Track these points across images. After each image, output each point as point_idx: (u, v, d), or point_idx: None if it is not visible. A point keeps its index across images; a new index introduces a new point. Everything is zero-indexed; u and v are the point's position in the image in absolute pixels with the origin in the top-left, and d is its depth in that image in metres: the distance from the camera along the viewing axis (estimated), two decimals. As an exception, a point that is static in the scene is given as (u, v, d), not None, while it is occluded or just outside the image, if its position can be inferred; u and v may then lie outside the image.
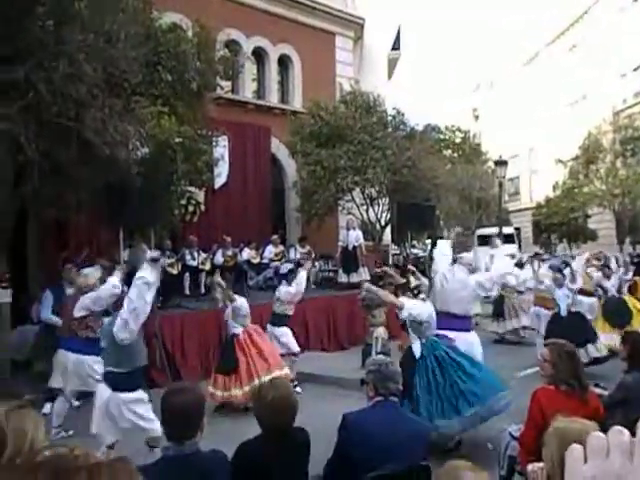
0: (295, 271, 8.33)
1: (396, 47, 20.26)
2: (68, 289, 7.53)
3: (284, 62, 16.03)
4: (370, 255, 13.38)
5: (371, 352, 7.56)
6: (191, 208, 10.19)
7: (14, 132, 5.90)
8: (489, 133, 35.32)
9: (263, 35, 15.10)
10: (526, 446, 3.24)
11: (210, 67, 9.61)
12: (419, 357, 5.03)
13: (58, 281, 7.67)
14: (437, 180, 14.91)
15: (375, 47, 19.39)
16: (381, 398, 2.80)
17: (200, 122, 9.50)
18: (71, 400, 6.23)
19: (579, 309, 8.24)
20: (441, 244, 6.51)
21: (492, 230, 20.96)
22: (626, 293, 9.67)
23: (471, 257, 6.57)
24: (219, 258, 11.45)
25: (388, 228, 15.72)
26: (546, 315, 8.40)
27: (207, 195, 11.27)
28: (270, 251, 12.35)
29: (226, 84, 11.61)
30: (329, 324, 10.65)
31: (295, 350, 7.88)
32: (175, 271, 10.63)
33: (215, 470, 2.30)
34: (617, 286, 9.45)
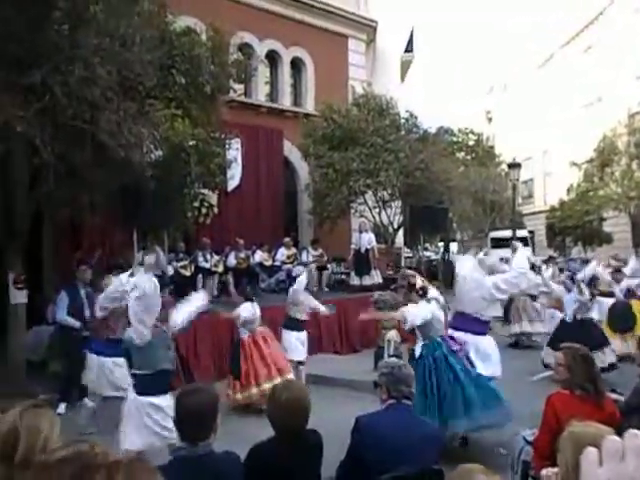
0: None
1: (409, 50, 20.23)
2: (82, 290, 7.62)
3: (297, 65, 16.07)
4: (382, 258, 13.35)
5: (383, 355, 7.54)
6: (204, 210, 10.27)
7: (30, 135, 5.97)
8: (503, 135, 35.10)
9: (276, 38, 15.16)
10: (540, 451, 3.21)
11: (223, 70, 9.67)
12: (418, 357, 5.06)
13: (72, 282, 7.75)
14: (450, 183, 14.85)
15: (388, 49, 19.38)
16: (394, 401, 2.79)
17: (213, 125, 9.56)
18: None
19: (600, 310, 8.19)
20: (519, 255, 6.38)
21: (506, 233, 20.81)
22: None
23: (494, 260, 6.51)
24: (232, 260, 11.49)
25: (401, 231, 15.68)
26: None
27: (220, 197, 11.33)
28: (282, 254, 12.36)
29: (239, 87, 11.68)
30: (341, 327, 10.64)
31: (295, 358, 7.71)
32: (188, 273, 10.69)
33: (228, 471, 2.30)
34: (625, 290, 9.34)
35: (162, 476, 0.92)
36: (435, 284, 7.81)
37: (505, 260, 12.35)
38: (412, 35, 20.11)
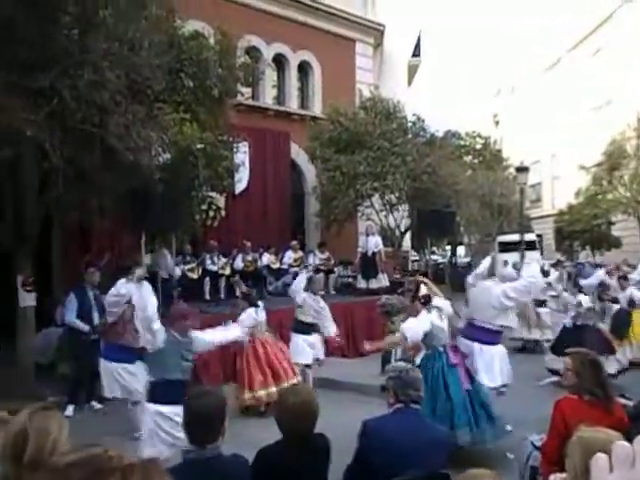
0: (311, 280, 8.36)
1: (416, 54, 20.23)
2: (90, 292, 7.66)
3: (304, 68, 16.10)
4: (389, 261, 13.33)
5: (390, 359, 7.52)
6: (212, 213, 10.28)
7: (39, 139, 6.02)
8: (510, 139, 34.98)
9: (283, 42, 15.20)
10: (548, 456, 3.19)
11: (231, 74, 9.70)
12: (417, 366, 5.08)
13: (81, 284, 7.79)
14: (457, 186, 14.82)
15: (395, 53, 19.39)
16: (401, 405, 2.79)
17: (221, 128, 9.58)
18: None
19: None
20: (533, 265, 6.38)
21: (513, 237, 20.69)
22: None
23: (510, 272, 6.51)
24: (239, 263, 11.51)
25: (408, 234, 15.65)
26: None
27: (227, 200, 11.35)
28: (289, 256, 12.38)
29: (247, 90, 11.72)
30: (348, 330, 10.62)
31: (300, 361, 7.74)
32: (195, 276, 10.72)
33: (236, 474, 2.31)
34: (628, 299, 9.25)
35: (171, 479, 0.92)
36: (442, 288, 7.80)
37: (513, 265, 12.35)
38: (419, 40, 20.11)
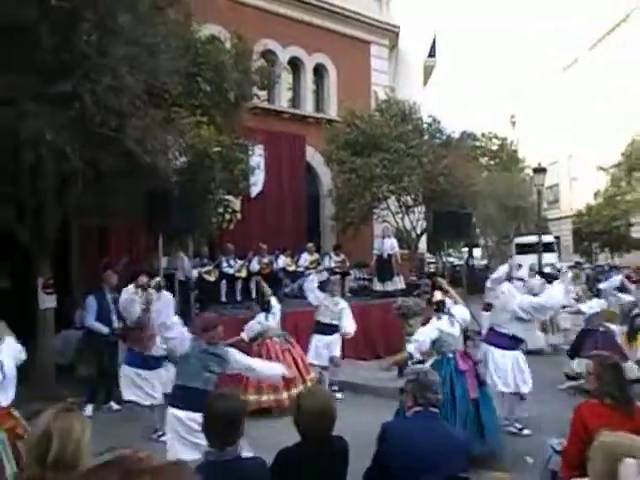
0: (329, 282, 8.38)
1: (432, 55, 20.19)
2: (109, 294, 7.75)
3: (319, 71, 16.13)
4: (405, 264, 13.28)
5: (407, 362, 7.49)
6: (228, 216, 10.31)
7: (59, 142, 6.10)
8: (527, 140, 34.72)
9: (299, 45, 15.25)
10: (569, 460, 3.15)
11: (247, 77, 9.76)
12: None
13: (99, 286, 7.88)
14: (474, 188, 14.73)
15: (410, 54, 19.34)
16: (420, 408, 2.77)
17: (237, 131, 9.64)
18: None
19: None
20: (557, 288, 6.31)
21: (531, 239, 20.56)
22: None
23: (535, 283, 6.49)
24: (255, 265, 11.54)
25: (424, 237, 15.59)
26: None
27: (243, 203, 11.39)
28: (305, 259, 12.39)
29: (262, 93, 11.76)
30: (364, 332, 10.59)
31: (314, 362, 7.78)
32: (212, 278, 10.77)
33: (255, 476, 2.32)
34: None
35: None
36: (458, 291, 7.76)
37: (531, 267, 12.23)
38: (435, 41, 20.07)
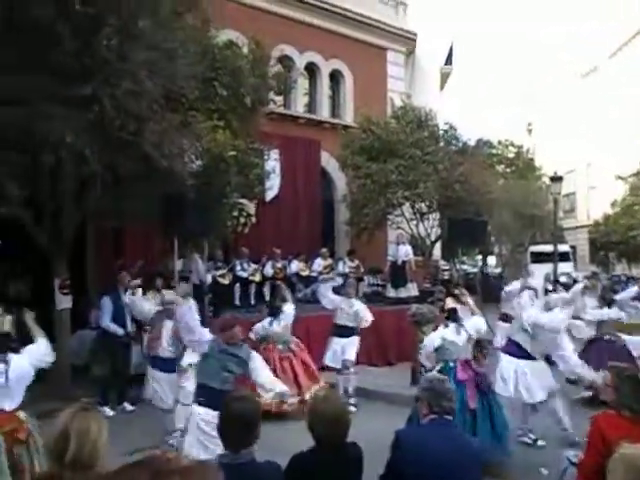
0: (345, 284, 8.41)
1: (448, 63, 20.15)
2: (123, 295, 7.83)
3: (336, 77, 16.17)
4: (419, 270, 13.23)
5: (421, 370, 7.47)
6: (242, 220, 10.36)
7: (79, 145, 6.18)
8: (544, 147, 34.47)
9: (316, 51, 15.29)
10: (585, 473, 3.11)
11: (264, 82, 9.82)
12: None
13: (114, 288, 7.94)
14: (490, 195, 14.64)
15: (427, 61, 19.32)
16: (435, 416, 2.76)
17: (253, 136, 9.69)
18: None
19: None
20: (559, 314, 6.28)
21: (546, 247, 20.38)
22: None
23: (555, 297, 6.46)
24: (269, 270, 11.57)
25: (438, 244, 15.51)
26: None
27: (258, 207, 11.42)
28: (319, 264, 12.39)
29: (278, 99, 11.81)
30: (376, 338, 10.56)
31: (329, 364, 7.89)
32: (226, 281, 10.81)
33: (269, 480, 2.32)
34: None
35: None
36: (473, 299, 7.73)
37: (546, 277, 12.13)
38: (452, 49, 20.03)
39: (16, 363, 3.87)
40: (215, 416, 2.62)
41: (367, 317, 8.04)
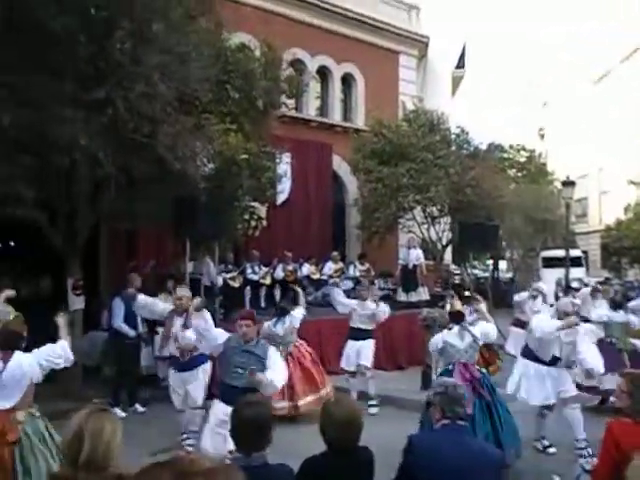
0: (357, 288, 8.43)
1: (460, 66, 20.09)
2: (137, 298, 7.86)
3: (347, 81, 16.18)
4: (430, 275, 13.19)
5: (431, 374, 7.44)
6: (253, 223, 10.37)
7: (93, 148, 6.24)
8: (556, 152, 34.26)
9: (327, 54, 15.31)
10: (599, 480, 3.08)
11: (276, 86, 9.84)
12: None
13: (125, 289, 7.98)
14: (501, 200, 14.57)
15: (439, 64, 19.27)
16: (448, 421, 2.74)
17: (264, 139, 9.71)
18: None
19: None
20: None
21: (558, 253, 20.23)
22: None
23: (565, 302, 6.47)
24: (279, 273, 11.58)
25: (449, 248, 15.45)
26: None
27: (269, 210, 11.44)
28: (330, 267, 12.39)
29: (290, 102, 11.83)
30: (386, 342, 10.53)
31: (343, 367, 7.90)
32: (237, 284, 10.83)
33: (282, 484, 2.32)
34: None
35: None
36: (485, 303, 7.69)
37: (557, 282, 12.06)
38: (464, 51, 19.96)
39: (15, 362, 3.78)
40: (227, 412, 2.68)
41: (383, 310, 8.07)
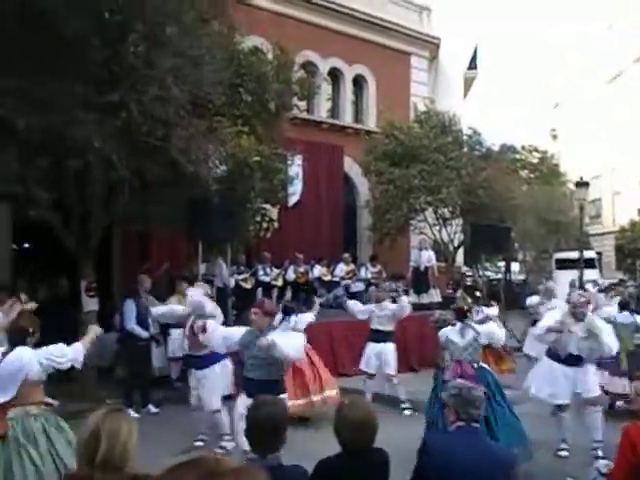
0: (369, 292, 8.43)
1: (472, 67, 20.01)
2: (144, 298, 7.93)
3: (359, 82, 16.18)
4: (442, 277, 13.14)
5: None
6: (265, 225, 10.41)
7: (107, 150, 6.29)
8: (568, 153, 33.99)
9: (339, 56, 15.33)
10: (616, 484, 3.05)
11: (288, 88, 9.87)
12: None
13: (137, 291, 8.03)
14: (513, 201, 14.50)
15: (450, 66, 19.21)
16: (463, 423, 2.73)
17: (276, 141, 9.73)
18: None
19: None
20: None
21: (571, 254, 20.06)
22: None
23: (575, 295, 6.48)
24: (291, 274, 11.60)
25: (461, 249, 15.40)
26: None
27: (281, 212, 11.46)
28: (341, 269, 12.39)
29: (302, 104, 11.85)
30: (398, 344, 10.47)
31: (362, 368, 7.90)
32: (249, 286, 10.87)
33: (296, 485, 2.32)
34: None
35: None
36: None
37: (571, 283, 11.95)
38: (475, 52, 19.89)
39: (15, 355, 3.75)
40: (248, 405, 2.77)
41: (402, 305, 8.14)
